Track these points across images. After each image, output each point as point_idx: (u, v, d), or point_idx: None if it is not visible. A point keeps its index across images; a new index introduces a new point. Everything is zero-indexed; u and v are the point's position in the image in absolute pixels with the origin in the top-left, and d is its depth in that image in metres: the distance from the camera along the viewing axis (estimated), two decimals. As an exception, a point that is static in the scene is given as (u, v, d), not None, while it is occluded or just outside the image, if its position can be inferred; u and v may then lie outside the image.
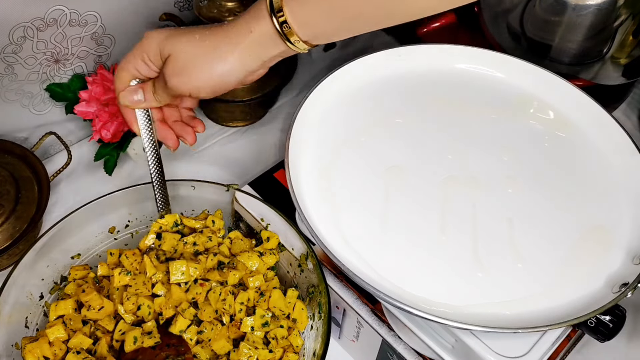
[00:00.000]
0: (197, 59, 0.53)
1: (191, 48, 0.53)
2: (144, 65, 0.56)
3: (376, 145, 0.65)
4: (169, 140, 0.60)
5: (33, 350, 0.54)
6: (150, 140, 0.60)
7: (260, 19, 0.51)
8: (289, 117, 0.65)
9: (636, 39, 0.75)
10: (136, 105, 0.58)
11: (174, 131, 0.61)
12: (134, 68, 0.56)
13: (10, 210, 0.69)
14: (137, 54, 0.56)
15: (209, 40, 0.53)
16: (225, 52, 0.52)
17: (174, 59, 0.53)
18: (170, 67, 0.54)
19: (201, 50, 0.53)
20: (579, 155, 0.66)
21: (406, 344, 0.58)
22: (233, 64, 0.53)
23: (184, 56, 0.53)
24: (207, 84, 0.54)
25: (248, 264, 0.61)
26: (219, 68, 0.53)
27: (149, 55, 0.55)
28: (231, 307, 0.58)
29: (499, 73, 0.73)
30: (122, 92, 0.58)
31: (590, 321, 0.53)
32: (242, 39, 0.52)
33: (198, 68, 0.53)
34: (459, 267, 0.56)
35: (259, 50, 0.53)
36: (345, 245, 0.56)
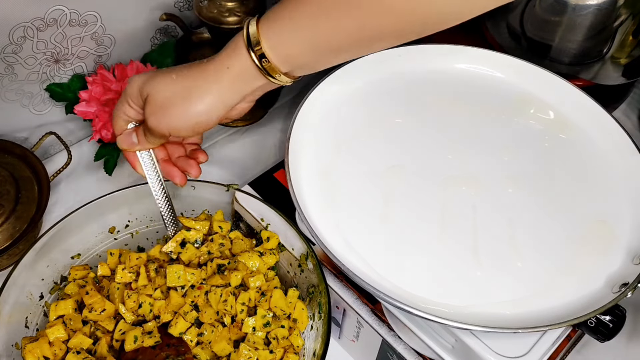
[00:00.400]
0: (173, 98, 0.53)
1: (168, 87, 0.53)
2: (130, 109, 0.56)
3: (376, 145, 0.65)
4: (175, 177, 0.60)
5: (33, 350, 0.54)
6: (156, 179, 0.60)
7: (238, 54, 0.51)
8: (289, 117, 0.65)
9: (636, 39, 0.75)
10: (132, 148, 0.58)
11: (178, 167, 0.60)
12: (123, 113, 0.57)
13: (10, 210, 0.69)
14: (123, 99, 0.56)
15: (185, 80, 0.53)
16: (202, 91, 0.52)
17: (152, 99, 0.53)
18: (149, 108, 0.54)
19: (178, 89, 0.52)
20: (579, 155, 0.66)
21: (406, 344, 0.58)
22: (211, 103, 0.52)
23: (160, 95, 0.53)
24: (186, 123, 0.53)
25: (249, 263, 0.61)
26: (196, 107, 0.52)
27: (131, 98, 0.55)
28: (232, 308, 0.58)
29: (499, 73, 0.73)
30: (119, 136, 0.58)
31: (590, 321, 0.53)
32: (220, 77, 0.52)
33: (174, 108, 0.53)
34: (459, 267, 0.56)
35: (238, 85, 0.52)
36: (345, 245, 0.56)
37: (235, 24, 0.76)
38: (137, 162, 0.59)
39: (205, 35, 0.81)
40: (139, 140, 0.57)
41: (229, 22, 0.76)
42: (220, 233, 0.63)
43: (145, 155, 0.59)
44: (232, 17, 0.76)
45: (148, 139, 0.57)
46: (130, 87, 0.55)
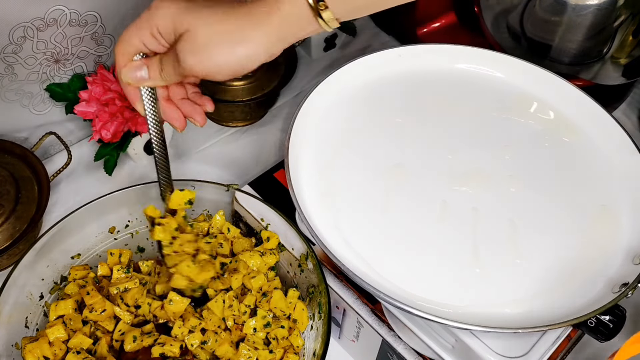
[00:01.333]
0: (219, 38, 0.47)
1: (213, 25, 0.47)
2: (153, 39, 0.50)
3: (376, 145, 0.65)
4: (177, 120, 0.55)
5: (33, 350, 0.54)
6: (155, 120, 0.54)
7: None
8: (289, 117, 0.65)
9: (636, 39, 0.75)
10: (140, 82, 0.52)
11: (181, 111, 0.55)
12: (140, 42, 0.50)
13: (10, 210, 0.69)
14: (145, 26, 0.49)
15: (233, 18, 0.48)
16: (251, 32, 0.47)
17: (192, 35, 0.48)
18: (188, 45, 0.48)
19: (224, 29, 0.47)
20: (579, 155, 0.66)
21: (406, 344, 0.58)
22: (257, 46, 0.48)
23: (204, 34, 0.47)
24: (228, 65, 0.48)
25: (250, 263, 0.61)
26: (242, 50, 0.48)
27: (159, 28, 0.49)
28: (239, 312, 0.58)
29: (499, 73, 0.73)
30: (125, 68, 0.52)
31: (590, 321, 0.53)
32: (270, 19, 0.47)
33: (219, 48, 0.48)
34: (459, 267, 0.56)
35: (286, 30, 0.48)
36: (345, 245, 0.56)
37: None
38: (138, 99, 0.53)
39: (205, 35, 0.81)
40: (150, 75, 0.51)
41: (229, 22, 0.76)
42: (226, 235, 0.63)
43: (148, 91, 0.53)
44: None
45: (164, 75, 0.51)
46: (161, 15, 0.49)
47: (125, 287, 0.59)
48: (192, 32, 0.48)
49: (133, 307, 0.59)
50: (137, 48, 0.51)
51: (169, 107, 0.55)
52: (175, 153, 0.83)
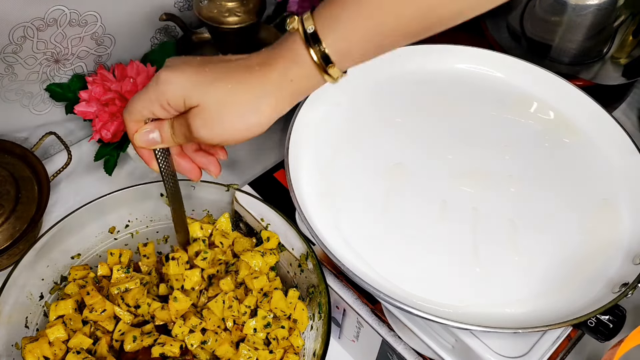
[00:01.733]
0: (230, 111, 0.48)
1: (223, 99, 0.48)
2: (163, 111, 0.50)
3: (376, 145, 0.65)
4: (192, 173, 0.56)
5: (33, 350, 0.54)
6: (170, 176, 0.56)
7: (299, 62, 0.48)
8: (289, 117, 0.65)
9: (636, 39, 0.76)
10: (153, 145, 0.52)
11: (194, 162, 0.56)
12: (150, 112, 0.50)
13: (10, 210, 0.69)
14: (155, 99, 0.49)
15: (244, 91, 0.48)
16: (262, 103, 0.48)
17: (203, 110, 0.48)
18: (200, 119, 0.48)
19: (236, 101, 0.48)
20: (579, 155, 0.66)
21: (406, 344, 0.58)
22: (270, 113, 0.49)
23: (215, 109, 0.48)
24: (241, 134, 0.49)
25: (252, 263, 0.61)
26: (254, 119, 0.49)
27: (169, 102, 0.49)
28: (239, 312, 0.58)
29: (499, 73, 0.73)
30: (137, 133, 0.52)
31: (590, 321, 0.53)
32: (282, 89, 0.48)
33: (231, 121, 0.48)
34: (459, 267, 0.56)
35: (297, 94, 0.50)
36: (345, 245, 0.56)
37: (235, 24, 0.76)
38: (153, 159, 0.54)
39: (205, 35, 0.81)
40: (162, 138, 0.52)
41: (229, 22, 0.76)
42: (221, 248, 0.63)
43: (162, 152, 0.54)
44: (232, 17, 0.76)
45: (176, 138, 0.52)
46: (171, 91, 0.49)
47: (126, 287, 0.59)
48: (203, 107, 0.48)
49: (133, 307, 0.59)
50: (145, 115, 0.51)
51: (183, 160, 0.56)
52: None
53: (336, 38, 0.47)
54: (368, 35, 0.47)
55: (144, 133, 0.52)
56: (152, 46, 0.84)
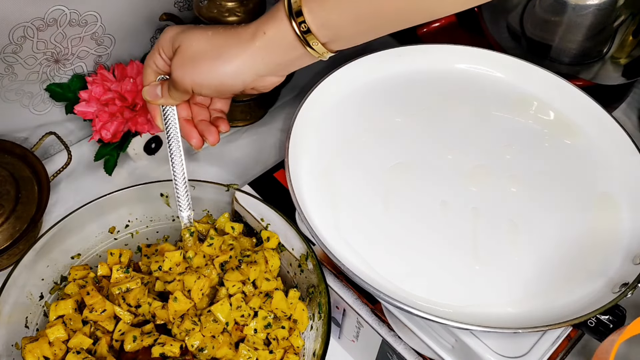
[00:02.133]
0: (204, 54, 0.52)
1: (201, 42, 0.52)
2: (160, 59, 0.56)
3: (376, 145, 0.65)
4: (192, 138, 0.59)
5: (33, 350, 0.54)
6: (174, 137, 0.59)
7: (277, 20, 0.50)
8: (289, 117, 0.65)
9: (636, 39, 0.75)
10: (156, 101, 0.58)
11: (198, 130, 0.60)
12: (153, 62, 0.57)
13: (10, 210, 0.69)
14: (155, 48, 0.56)
15: (220, 38, 0.52)
16: (234, 52, 0.51)
17: (182, 50, 0.53)
18: (177, 59, 0.53)
19: (210, 46, 0.52)
20: (579, 155, 0.66)
21: (406, 344, 0.58)
22: (241, 65, 0.52)
23: (191, 49, 0.53)
24: (211, 81, 0.53)
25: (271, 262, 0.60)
26: (224, 67, 0.52)
27: (163, 48, 0.55)
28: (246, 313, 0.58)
29: (499, 73, 0.73)
30: (145, 87, 0.58)
31: (590, 321, 0.53)
32: (255, 41, 0.51)
33: (203, 63, 0.52)
34: (459, 267, 0.56)
35: (272, 52, 0.51)
36: (345, 245, 0.56)
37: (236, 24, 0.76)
38: (158, 115, 0.59)
39: (205, 35, 0.81)
40: (162, 93, 0.57)
41: (229, 22, 0.76)
42: (232, 234, 0.63)
43: (169, 110, 0.58)
44: (232, 17, 0.76)
45: (171, 94, 0.56)
46: (163, 36, 0.55)
47: (127, 287, 0.59)
48: (182, 47, 0.53)
49: (134, 307, 0.59)
50: (152, 69, 0.58)
51: (187, 126, 0.59)
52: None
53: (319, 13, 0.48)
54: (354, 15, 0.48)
55: (149, 87, 0.58)
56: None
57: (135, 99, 0.74)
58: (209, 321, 0.57)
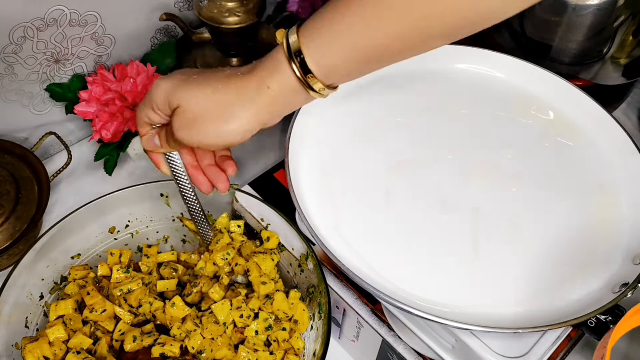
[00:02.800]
0: (207, 115, 0.50)
1: (200, 102, 0.50)
2: (154, 114, 0.53)
3: (376, 145, 0.64)
4: (202, 185, 0.58)
5: (33, 350, 0.54)
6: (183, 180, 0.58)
7: (280, 72, 0.48)
8: (289, 117, 0.65)
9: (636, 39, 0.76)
10: (155, 149, 0.56)
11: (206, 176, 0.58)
12: (146, 116, 0.54)
13: (10, 210, 0.69)
14: (147, 103, 0.53)
15: (221, 95, 0.50)
16: (239, 110, 0.49)
17: (183, 111, 0.50)
18: (178, 120, 0.51)
19: (212, 105, 0.50)
20: (579, 155, 0.66)
21: (406, 344, 0.58)
22: (248, 121, 0.50)
23: (193, 109, 0.50)
24: (218, 140, 0.51)
25: (263, 267, 0.60)
26: (231, 125, 0.50)
27: (158, 105, 0.52)
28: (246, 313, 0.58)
29: (499, 73, 0.73)
30: (143, 137, 0.56)
31: (590, 321, 0.53)
32: (260, 96, 0.49)
33: (208, 123, 0.50)
34: (460, 267, 0.56)
35: (278, 104, 0.50)
36: (345, 245, 0.56)
37: (235, 24, 0.76)
38: (162, 162, 0.57)
39: (205, 35, 0.81)
40: (161, 143, 0.55)
41: (229, 22, 0.76)
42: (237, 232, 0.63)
43: (173, 156, 0.57)
44: (232, 17, 0.76)
45: (170, 144, 0.54)
46: (156, 93, 0.51)
47: (128, 289, 0.59)
48: (182, 108, 0.50)
49: (135, 308, 0.59)
50: (145, 121, 0.55)
51: (195, 173, 0.58)
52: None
53: (318, 52, 0.47)
54: (352, 51, 0.47)
55: (147, 137, 0.56)
56: (152, 46, 0.84)
57: (135, 99, 0.74)
58: (210, 322, 0.57)
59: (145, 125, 0.55)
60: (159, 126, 0.55)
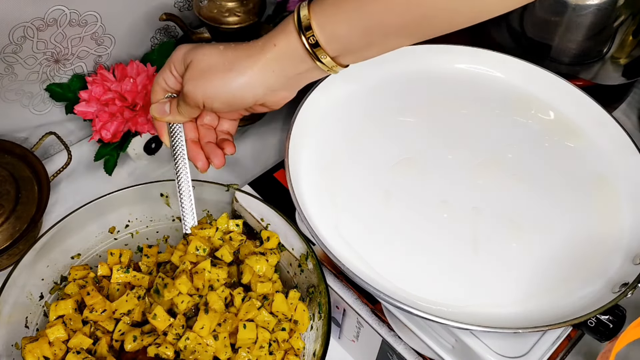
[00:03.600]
0: (216, 67, 0.53)
1: (212, 56, 0.53)
2: (171, 77, 0.57)
3: (376, 145, 0.65)
4: (198, 161, 0.60)
5: (33, 350, 0.54)
6: (181, 154, 0.60)
7: (287, 33, 0.51)
8: (289, 117, 0.65)
9: (636, 39, 0.76)
10: (163, 117, 0.58)
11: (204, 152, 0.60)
12: (163, 80, 0.57)
13: (10, 210, 0.69)
14: (166, 66, 0.57)
15: (231, 51, 0.53)
16: (245, 65, 0.52)
17: (194, 64, 0.54)
18: (188, 73, 0.54)
19: (221, 59, 0.53)
20: (579, 155, 0.66)
21: (406, 344, 0.58)
22: (252, 78, 0.52)
23: (203, 63, 0.53)
24: (222, 94, 0.53)
25: (255, 268, 0.60)
26: (236, 80, 0.53)
27: (175, 65, 0.56)
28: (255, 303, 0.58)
29: (499, 73, 0.73)
30: (153, 104, 0.59)
31: (590, 321, 0.53)
32: (265, 53, 0.52)
33: (215, 75, 0.53)
34: (460, 267, 0.56)
35: (282, 65, 0.52)
36: (345, 245, 0.56)
37: (236, 24, 0.76)
38: (164, 133, 0.60)
39: (205, 35, 0.81)
40: (170, 110, 0.58)
41: (229, 22, 0.76)
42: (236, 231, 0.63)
43: (176, 128, 0.59)
44: (232, 17, 0.76)
45: (180, 109, 0.57)
46: (175, 53, 0.56)
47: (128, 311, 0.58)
48: (194, 62, 0.54)
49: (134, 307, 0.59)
50: (162, 87, 0.58)
51: (194, 148, 0.60)
52: (175, 153, 0.83)
53: (326, 24, 0.49)
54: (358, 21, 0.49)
55: (157, 105, 0.59)
56: (152, 46, 0.84)
57: (135, 99, 0.74)
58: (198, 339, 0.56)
59: (160, 91, 0.58)
60: (172, 97, 0.58)
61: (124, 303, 0.58)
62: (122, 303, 0.58)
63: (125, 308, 0.58)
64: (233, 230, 0.63)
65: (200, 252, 0.60)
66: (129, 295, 0.58)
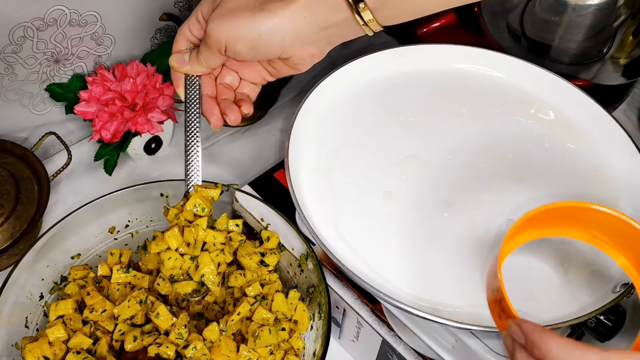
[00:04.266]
0: (245, 6, 0.50)
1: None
2: (197, 25, 0.55)
3: (376, 145, 0.65)
4: (212, 116, 0.56)
5: (33, 350, 0.54)
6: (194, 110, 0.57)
7: None
8: (289, 117, 0.65)
9: (636, 39, 0.75)
10: (181, 66, 0.56)
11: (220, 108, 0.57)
12: (187, 28, 0.55)
13: (10, 210, 0.69)
14: (193, 14, 0.55)
15: None
16: (277, 5, 0.49)
17: (223, 4, 0.51)
18: (216, 11, 0.51)
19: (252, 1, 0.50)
20: (579, 155, 0.66)
21: (406, 344, 0.58)
22: (281, 20, 0.49)
23: (232, 2, 0.51)
24: (247, 35, 0.50)
25: (248, 265, 0.60)
26: (264, 21, 0.49)
27: (202, 9, 0.54)
28: None
29: (499, 73, 0.73)
30: (173, 54, 0.57)
31: (590, 321, 0.53)
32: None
33: (242, 14, 0.50)
34: (460, 267, 0.56)
35: (316, 12, 0.49)
36: (345, 245, 0.56)
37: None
38: (180, 84, 0.57)
39: (205, 35, 0.81)
40: (190, 59, 0.56)
41: (229, 22, 0.76)
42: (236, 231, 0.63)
43: (194, 79, 0.57)
44: (232, 17, 0.76)
45: (201, 56, 0.54)
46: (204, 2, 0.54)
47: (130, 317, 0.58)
48: (223, 2, 0.52)
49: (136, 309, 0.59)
50: (185, 36, 0.56)
51: (209, 101, 0.57)
52: (175, 153, 0.83)
53: None
54: None
55: (177, 54, 0.57)
56: (152, 46, 0.84)
57: (135, 99, 0.74)
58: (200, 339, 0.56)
59: (183, 40, 0.56)
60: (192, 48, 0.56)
61: (126, 309, 0.57)
62: (125, 309, 0.57)
63: (129, 314, 0.57)
64: (233, 230, 0.63)
65: (199, 210, 0.57)
66: (131, 301, 0.58)
